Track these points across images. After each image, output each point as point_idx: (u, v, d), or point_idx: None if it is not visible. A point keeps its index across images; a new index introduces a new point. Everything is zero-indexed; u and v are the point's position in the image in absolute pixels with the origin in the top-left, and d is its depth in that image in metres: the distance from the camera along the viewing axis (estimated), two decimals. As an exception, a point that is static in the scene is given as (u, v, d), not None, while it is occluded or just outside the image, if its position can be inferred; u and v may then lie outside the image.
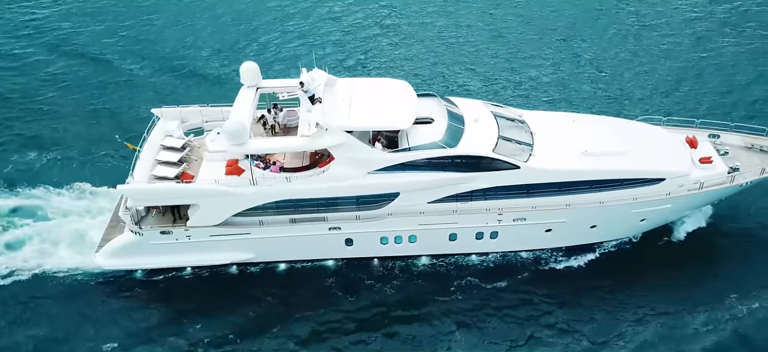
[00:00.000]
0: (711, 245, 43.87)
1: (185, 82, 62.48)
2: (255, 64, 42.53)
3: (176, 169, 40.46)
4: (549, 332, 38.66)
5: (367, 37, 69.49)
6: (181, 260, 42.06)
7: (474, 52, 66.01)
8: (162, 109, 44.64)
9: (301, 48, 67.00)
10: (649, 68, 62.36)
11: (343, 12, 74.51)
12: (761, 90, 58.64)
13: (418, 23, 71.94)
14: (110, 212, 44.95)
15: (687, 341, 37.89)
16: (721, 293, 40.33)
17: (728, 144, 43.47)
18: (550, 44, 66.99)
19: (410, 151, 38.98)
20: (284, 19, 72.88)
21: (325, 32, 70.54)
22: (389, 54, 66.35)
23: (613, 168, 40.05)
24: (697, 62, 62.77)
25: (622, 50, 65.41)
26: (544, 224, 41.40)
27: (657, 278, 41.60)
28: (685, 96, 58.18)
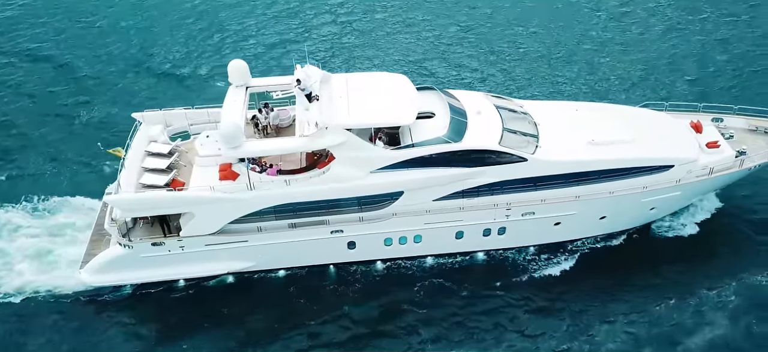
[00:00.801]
0: (690, 239, 43.76)
1: (160, 83, 60.47)
2: (244, 62, 41.11)
3: (166, 177, 38.87)
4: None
5: (339, 31, 68.18)
6: (174, 273, 40.52)
7: (448, 44, 65.21)
8: (144, 114, 42.91)
9: (279, 46, 65.33)
10: (631, 55, 62.59)
11: (317, 7, 73.30)
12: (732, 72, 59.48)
13: (393, 17, 71.02)
14: (89, 225, 43.33)
15: (681, 336, 37.92)
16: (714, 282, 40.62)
17: (732, 127, 43.41)
18: (527, 34, 66.81)
19: (414, 147, 38.06)
20: (254, 13, 71.37)
21: (303, 28, 68.95)
22: (368, 48, 65.27)
23: (622, 157, 39.64)
24: (668, 49, 63.09)
25: (598, 38, 65.55)
26: (553, 218, 40.83)
27: (650, 276, 41.41)
28: (657, 83, 58.52)
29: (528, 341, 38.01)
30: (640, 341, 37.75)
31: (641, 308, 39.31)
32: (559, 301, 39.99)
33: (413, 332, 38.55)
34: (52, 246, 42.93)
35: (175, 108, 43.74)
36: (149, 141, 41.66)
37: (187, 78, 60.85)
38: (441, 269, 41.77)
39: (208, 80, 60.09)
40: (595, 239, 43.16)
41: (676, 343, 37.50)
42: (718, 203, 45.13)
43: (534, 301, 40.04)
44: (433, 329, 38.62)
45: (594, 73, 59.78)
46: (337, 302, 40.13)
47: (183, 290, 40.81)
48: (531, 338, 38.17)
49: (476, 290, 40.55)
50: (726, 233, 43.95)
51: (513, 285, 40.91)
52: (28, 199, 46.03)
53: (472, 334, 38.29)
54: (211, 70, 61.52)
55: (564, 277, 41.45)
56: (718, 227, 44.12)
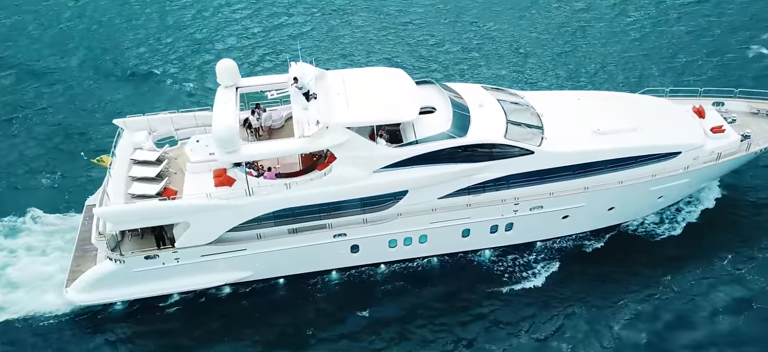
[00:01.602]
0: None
1: (131, 86, 58.71)
2: (232, 61, 39.83)
3: (157, 185, 37.40)
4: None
5: (323, 28, 67.10)
6: (169, 287, 39.05)
7: (436, 35, 64.82)
8: (126, 120, 41.38)
9: (261, 44, 64.15)
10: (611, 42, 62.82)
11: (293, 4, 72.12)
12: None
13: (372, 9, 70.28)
14: (70, 241, 41.72)
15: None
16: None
17: (734, 111, 43.53)
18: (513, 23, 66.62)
19: (417, 144, 37.26)
20: (223, 10, 70.02)
21: (280, 24, 67.89)
22: (356, 43, 64.35)
23: (629, 145, 39.34)
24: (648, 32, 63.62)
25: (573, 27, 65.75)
26: (561, 211, 40.36)
27: (643, 271, 41.05)
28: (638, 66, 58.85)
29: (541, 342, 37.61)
30: (641, 334, 37.57)
31: (645, 300, 38.97)
32: (560, 300, 39.36)
33: (420, 335, 37.73)
34: (31, 266, 41.07)
35: (159, 112, 42.23)
36: (134, 149, 40.13)
37: (161, 79, 59.25)
38: (445, 270, 41.14)
39: (184, 81, 58.61)
40: (597, 233, 42.90)
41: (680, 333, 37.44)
42: (717, 192, 45.20)
43: (538, 299, 39.55)
44: (441, 333, 37.81)
45: (570, 63, 59.76)
46: (341, 309, 39.06)
47: (178, 305, 39.33)
48: (541, 340, 37.68)
49: (483, 292, 39.83)
50: (728, 221, 43.86)
51: (516, 285, 40.40)
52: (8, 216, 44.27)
53: (483, 336, 37.64)
54: (184, 70, 60.04)
55: (564, 275, 40.87)
56: (719, 215, 44.00)
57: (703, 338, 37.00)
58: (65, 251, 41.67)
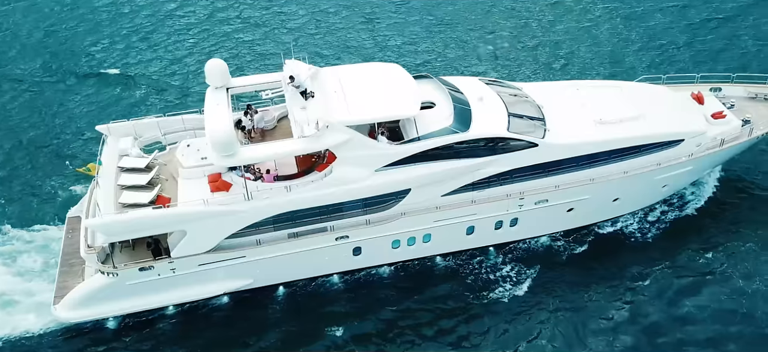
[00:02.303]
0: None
1: (99, 88, 56.76)
2: (222, 61, 38.73)
3: (149, 193, 36.15)
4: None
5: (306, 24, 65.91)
6: (165, 299, 37.83)
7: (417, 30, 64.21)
8: (109, 126, 40.01)
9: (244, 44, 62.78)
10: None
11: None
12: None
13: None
14: (53, 256, 40.41)
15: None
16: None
17: (732, 96, 43.69)
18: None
19: (420, 140, 36.64)
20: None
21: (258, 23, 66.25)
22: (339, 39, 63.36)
23: (633, 134, 39.18)
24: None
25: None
26: (566, 204, 40.05)
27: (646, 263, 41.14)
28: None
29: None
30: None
31: (632, 299, 39.07)
32: (536, 304, 39.08)
33: (428, 338, 37.27)
34: (12, 284, 39.55)
35: (145, 117, 41.07)
36: (120, 156, 38.86)
37: (139, 82, 57.41)
38: (451, 268, 40.65)
39: (167, 84, 57.19)
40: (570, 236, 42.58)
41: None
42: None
43: (521, 304, 39.26)
44: (449, 335, 37.39)
45: (544, 53, 59.92)
46: (345, 314, 38.36)
47: (174, 318, 38.23)
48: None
49: (485, 290, 39.58)
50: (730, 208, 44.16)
51: (518, 282, 40.14)
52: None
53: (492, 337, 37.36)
54: (162, 71, 58.59)
55: (543, 279, 40.45)
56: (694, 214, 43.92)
57: (680, 337, 37.04)
58: (46, 267, 40.34)
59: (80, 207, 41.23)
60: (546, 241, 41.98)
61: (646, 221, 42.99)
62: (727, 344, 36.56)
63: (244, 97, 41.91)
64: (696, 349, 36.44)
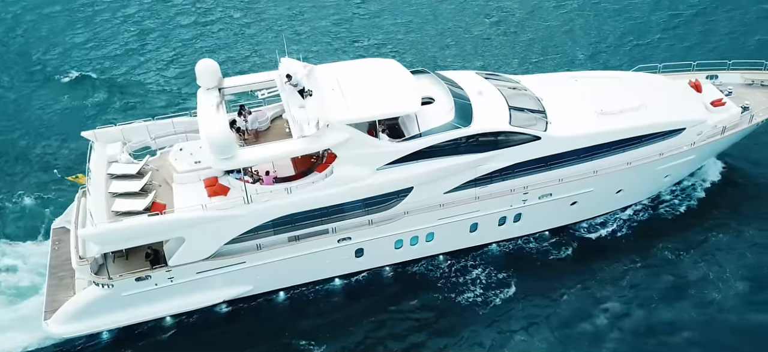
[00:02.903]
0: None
1: (90, 94, 55.37)
2: (214, 61, 37.94)
3: (144, 200, 35.08)
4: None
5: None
6: (163, 309, 36.74)
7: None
8: (95, 131, 38.85)
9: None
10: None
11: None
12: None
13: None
14: (38, 269, 39.28)
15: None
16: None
17: (728, 83, 43.75)
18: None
19: (421, 137, 36.09)
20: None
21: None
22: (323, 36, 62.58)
23: (635, 124, 39.01)
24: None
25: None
26: (569, 198, 39.76)
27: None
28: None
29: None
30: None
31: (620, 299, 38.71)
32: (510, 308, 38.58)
33: (436, 338, 36.82)
34: (-2, 301, 38.49)
35: (133, 121, 39.92)
36: (109, 162, 37.78)
37: (121, 85, 56.18)
38: (453, 266, 40.18)
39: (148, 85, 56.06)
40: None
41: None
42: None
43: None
44: (459, 336, 36.89)
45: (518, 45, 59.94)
46: (349, 318, 37.64)
47: (171, 328, 37.20)
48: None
49: (459, 294, 38.98)
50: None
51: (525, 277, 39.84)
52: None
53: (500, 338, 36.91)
54: (144, 73, 57.39)
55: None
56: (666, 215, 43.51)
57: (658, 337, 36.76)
58: (32, 280, 39.13)
59: (65, 217, 40.04)
60: (524, 243, 41.28)
61: (620, 220, 42.47)
62: (700, 341, 36.25)
63: (235, 98, 41.00)
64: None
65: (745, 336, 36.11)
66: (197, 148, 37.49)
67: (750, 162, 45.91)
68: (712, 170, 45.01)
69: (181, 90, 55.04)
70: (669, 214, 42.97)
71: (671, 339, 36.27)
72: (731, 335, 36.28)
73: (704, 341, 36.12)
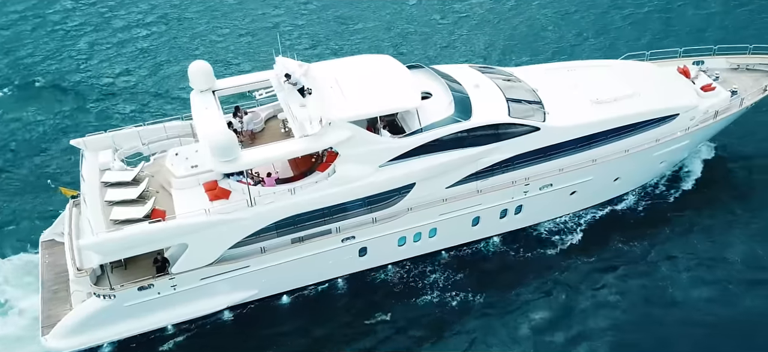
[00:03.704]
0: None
1: (74, 102, 54.04)
2: (207, 63, 37.55)
3: (143, 207, 34.40)
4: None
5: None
6: (165, 318, 36.09)
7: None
8: (85, 139, 38.06)
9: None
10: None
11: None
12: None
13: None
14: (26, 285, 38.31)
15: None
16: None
17: (715, 69, 44.50)
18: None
19: (423, 132, 36.04)
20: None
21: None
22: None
23: (630, 112, 39.55)
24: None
25: None
26: (569, 187, 40.12)
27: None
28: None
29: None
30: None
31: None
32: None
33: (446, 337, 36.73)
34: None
35: (124, 127, 39.24)
36: (101, 170, 37.02)
37: (106, 91, 54.99)
38: (457, 261, 40.21)
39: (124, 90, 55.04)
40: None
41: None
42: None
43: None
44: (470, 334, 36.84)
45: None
46: (355, 319, 37.45)
47: (173, 337, 36.42)
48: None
49: (415, 297, 38.82)
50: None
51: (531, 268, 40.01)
52: None
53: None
54: (129, 78, 56.43)
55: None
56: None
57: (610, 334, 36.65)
58: (24, 295, 38.00)
59: (54, 230, 39.20)
60: (483, 246, 40.93)
61: (578, 220, 42.30)
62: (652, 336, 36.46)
63: (230, 99, 40.42)
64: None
65: (700, 330, 36.38)
66: (193, 152, 36.98)
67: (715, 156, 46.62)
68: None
69: (170, 92, 54.47)
70: (628, 213, 42.80)
71: (628, 337, 36.28)
72: (692, 328, 36.47)
73: (670, 336, 36.26)
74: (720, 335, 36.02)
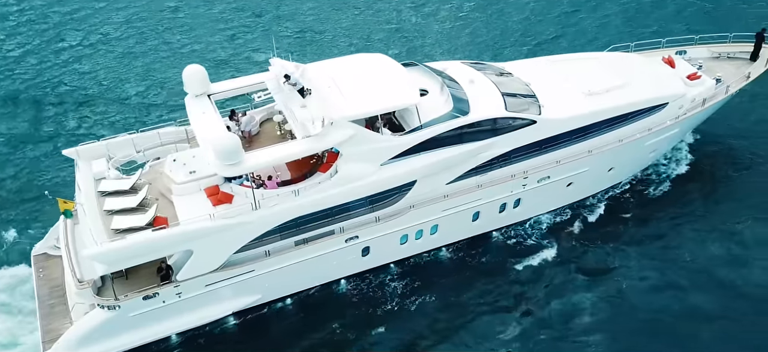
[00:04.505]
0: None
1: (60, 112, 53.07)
2: (201, 67, 37.15)
3: (144, 215, 33.81)
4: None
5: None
6: (170, 327, 35.49)
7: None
8: (77, 149, 37.26)
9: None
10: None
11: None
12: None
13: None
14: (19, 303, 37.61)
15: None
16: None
17: (697, 58, 45.45)
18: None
19: (423, 128, 36.13)
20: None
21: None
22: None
23: (622, 102, 40.17)
24: None
25: None
26: (566, 179, 40.60)
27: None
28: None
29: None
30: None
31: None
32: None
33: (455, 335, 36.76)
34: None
35: (117, 135, 38.62)
36: (96, 179, 36.34)
37: (94, 100, 54.15)
38: (458, 256, 40.45)
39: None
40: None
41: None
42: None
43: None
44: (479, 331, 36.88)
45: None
46: (361, 320, 37.27)
47: (177, 348, 35.91)
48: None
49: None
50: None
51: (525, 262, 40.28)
52: None
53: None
54: (117, 86, 55.66)
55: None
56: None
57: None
58: (18, 312, 37.26)
59: (46, 243, 38.42)
60: (444, 253, 40.67)
61: (541, 222, 42.36)
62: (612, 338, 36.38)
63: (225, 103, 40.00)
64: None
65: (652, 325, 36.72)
66: (191, 157, 36.57)
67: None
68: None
69: (157, 98, 53.91)
70: (589, 213, 42.94)
71: (590, 338, 36.36)
72: (639, 324, 36.75)
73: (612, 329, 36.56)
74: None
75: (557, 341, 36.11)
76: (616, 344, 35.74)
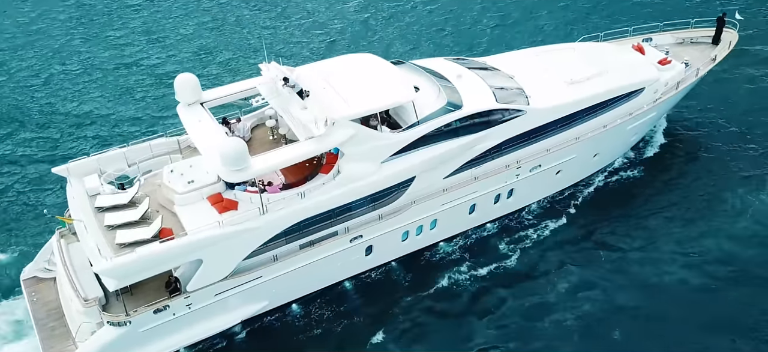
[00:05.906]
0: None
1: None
2: (193, 75, 36.76)
3: (149, 228, 33.14)
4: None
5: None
6: (179, 340, 34.72)
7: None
8: (68, 166, 36.39)
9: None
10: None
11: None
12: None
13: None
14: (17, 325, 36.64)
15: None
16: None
17: (663, 44, 47.06)
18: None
19: (420, 124, 36.49)
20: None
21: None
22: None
23: (603, 89, 41.33)
24: None
25: None
26: (555, 167, 41.59)
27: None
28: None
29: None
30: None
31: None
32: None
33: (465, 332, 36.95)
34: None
35: (107, 150, 37.75)
36: (90, 196, 35.46)
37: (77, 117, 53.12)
38: (457, 250, 40.79)
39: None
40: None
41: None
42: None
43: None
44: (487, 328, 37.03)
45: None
46: (370, 321, 37.19)
47: (186, 360, 35.52)
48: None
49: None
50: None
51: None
52: None
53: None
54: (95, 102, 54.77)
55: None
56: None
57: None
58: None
59: (35, 266, 37.27)
60: (394, 266, 39.93)
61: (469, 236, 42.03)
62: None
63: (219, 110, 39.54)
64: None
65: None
66: (188, 167, 36.03)
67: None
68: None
69: (141, 112, 53.47)
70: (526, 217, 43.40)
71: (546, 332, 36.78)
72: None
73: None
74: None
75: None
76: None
